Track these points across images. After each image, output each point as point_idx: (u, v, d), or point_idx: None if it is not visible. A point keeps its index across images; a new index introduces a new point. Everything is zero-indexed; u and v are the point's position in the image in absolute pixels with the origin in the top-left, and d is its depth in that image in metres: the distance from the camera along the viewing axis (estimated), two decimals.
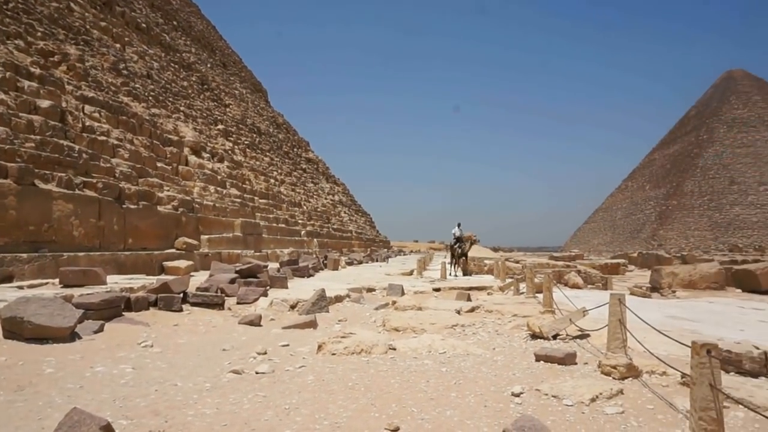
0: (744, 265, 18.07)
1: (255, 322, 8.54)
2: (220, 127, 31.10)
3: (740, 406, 4.08)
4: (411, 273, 22.44)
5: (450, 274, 21.16)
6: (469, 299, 11.79)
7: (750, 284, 15.97)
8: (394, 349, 6.71)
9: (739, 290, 16.17)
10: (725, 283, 16.68)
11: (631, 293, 14.69)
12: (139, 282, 10.65)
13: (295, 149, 52.83)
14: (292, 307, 10.30)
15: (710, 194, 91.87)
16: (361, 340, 6.72)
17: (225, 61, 47.38)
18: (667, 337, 5.13)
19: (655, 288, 15.76)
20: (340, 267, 24.24)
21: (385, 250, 63.52)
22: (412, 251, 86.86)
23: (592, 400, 4.52)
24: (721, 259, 25.45)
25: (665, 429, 3.96)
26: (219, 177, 24.24)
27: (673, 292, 15.39)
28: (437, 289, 14.79)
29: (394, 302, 11.17)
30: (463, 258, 21.75)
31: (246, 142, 34.58)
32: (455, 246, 21.98)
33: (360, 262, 32.32)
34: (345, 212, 57.42)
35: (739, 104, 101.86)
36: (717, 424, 3.66)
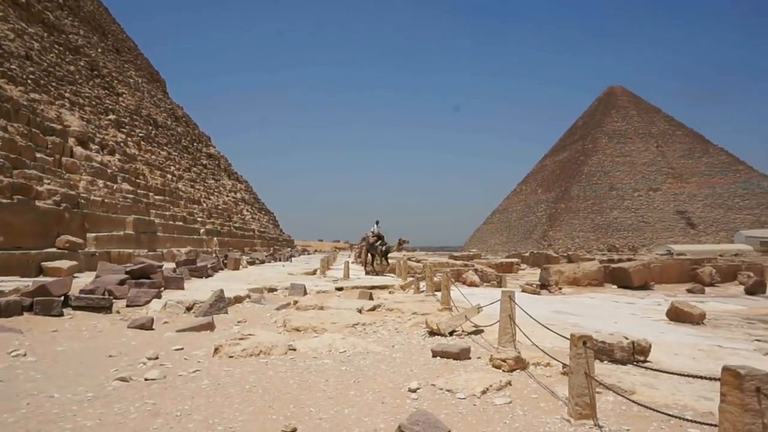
0: (619, 263, 19.88)
1: (146, 325, 8.06)
2: (112, 117, 28.99)
3: (610, 391, 4.49)
4: (314, 272, 22.30)
5: (366, 274, 21.24)
6: (371, 298, 11.94)
7: (624, 281, 17.62)
8: (295, 349, 6.64)
9: (615, 286, 17.78)
10: (604, 279, 18.26)
11: (523, 290, 15.63)
12: (11, 284, 9.63)
13: (195, 144, 50.55)
14: (189, 309, 9.85)
15: (593, 199, 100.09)
16: (261, 341, 6.58)
17: (119, 46, 44.22)
18: (551, 330, 5.52)
19: (544, 285, 16.87)
20: (241, 267, 23.54)
21: (289, 249, 62.55)
22: (316, 250, 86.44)
23: (483, 392, 4.76)
24: (600, 258, 27.82)
25: (546, 416, 4.27)
26: (109, 171, 22.59)
27: (560, 288, 16.58)
28: (340, 289, 14.82)
29: (295, 302, 11.06)
30: (384, 257, 21.43)
31: (141, 135, 32.52)
32: (378, 244, 21.48)
33: (262, 262, 31.67)
34: (247, 210, 55.86)
35: (618, 118, 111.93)
36: (590, 409, 4.01)
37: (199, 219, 33.52)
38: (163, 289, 11.41)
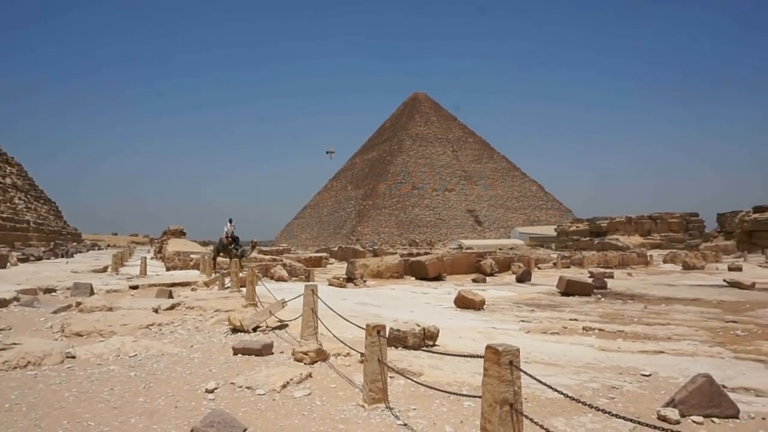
0: (418, 257, 21.59)
1: None
2: None
3: (401, 375, 4.85)
4: (105, 270, 20.08)
5: (215, 273, 19.52)
6: (170, 296, 11.16)
7: (421, 273, 19.20)
8: (74, 357, 5.89)
9: (414, 278, 19.28)
10: (404, 272, 19.68)
11: (330, 284, 16.08)
12: None
13: None
14: None
15: (398, 197, 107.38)
16: (29, 350, 5.70)
17: None
18: (350, 322, 5.76)
19: (350, 278, 17.54)
20: (9, 264, 20.12)
21: (75, 243, 55.34)
22: (109, 245, 78.02)
23: (283, 386, 4.77)
24: (402, 252, 29.96)
25: (343, 403, 4.44)
26: None
27: (365, 281, 17.40)
28: (135, 287, 13.57)
29: (79, 303, 9.81)
30: (241, 259, 19.85)
31: None
32: (231, 247, 19.83)
33: (39, 258, 27.61)
34: (20, 199, 47.93)
35: (421, 122, 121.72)
36: (383, 393, 4.29)
37: None
38: None
